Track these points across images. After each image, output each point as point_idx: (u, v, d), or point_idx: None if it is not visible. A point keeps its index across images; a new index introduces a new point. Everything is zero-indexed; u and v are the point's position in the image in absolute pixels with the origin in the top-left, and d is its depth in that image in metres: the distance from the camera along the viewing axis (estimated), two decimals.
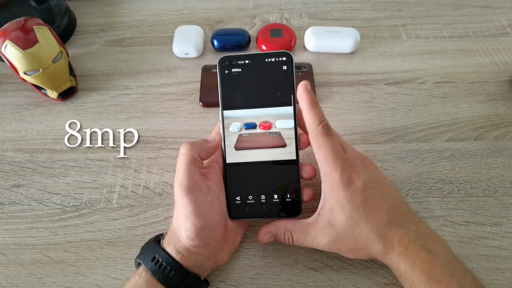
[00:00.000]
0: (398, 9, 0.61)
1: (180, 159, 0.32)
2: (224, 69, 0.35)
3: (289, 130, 0.35)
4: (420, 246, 0.30)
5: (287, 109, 0.35)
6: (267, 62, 0.35)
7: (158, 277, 0.30)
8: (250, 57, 0.35)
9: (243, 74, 0.35)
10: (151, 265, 0.31)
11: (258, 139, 0.35)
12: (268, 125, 0.35)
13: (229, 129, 0.35)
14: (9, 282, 0.36)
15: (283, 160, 0.35)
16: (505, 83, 0.51)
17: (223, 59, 0.35)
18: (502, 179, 0.42)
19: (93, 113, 0.49)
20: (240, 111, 0.35)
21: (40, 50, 0.44)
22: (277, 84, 0.35)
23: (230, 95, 0.35)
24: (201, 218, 0.31)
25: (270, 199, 0.35)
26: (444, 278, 0.29)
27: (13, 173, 0.43)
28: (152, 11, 0.61)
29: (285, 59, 0.35)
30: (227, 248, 0.35)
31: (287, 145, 0.35)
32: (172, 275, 0.30)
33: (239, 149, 0.35)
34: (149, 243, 0.33)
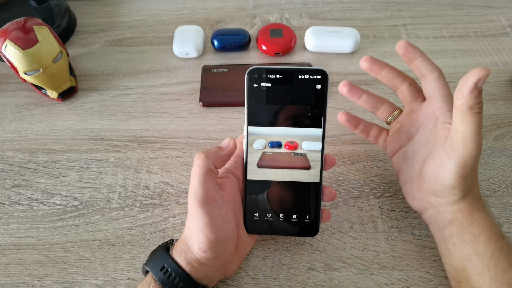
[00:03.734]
0: (398, 9, 0.61)
1: (195, 170, 0.30)
2: (252, 83, 0.32)
3: (315, 153, 0.33)
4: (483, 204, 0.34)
5: (316, 131, 0.33)
6: (300, 78, 0.32)
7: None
8: (282, 71, 0.32)
9: (272, 89, 0.32)
10: (160, 275, 0.30)
11: (282, 158, 0.33)
12: (294, 146, 0.33)
13: (253, 146, 0.33)
14: (9, 282, 0.36)
15: (306, 182, 0.34)
16: (505, 83, 0.51)
17: (252, 71, 0.32)
18: (502, 179, 0.42)
19: (93, 113, 0.49)
20: (266, 128, 0.33)
21: (40, 50, 0.44)
22: (308, 103, 0.32)
23: (256, 111, 0.33)
24: (214, 232, 0.30)
25: (288, 218, 0.34)
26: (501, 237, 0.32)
27: (13, 173, 0.43)
28: (152, 11, 0.61)
29: (320, 77, 0.32)
30: (237, 260, 0.35)
31: (311, 167, 0.34)
32: (181, 286, 0.30)
33: (261, 167, 0.34)
34: (158, 251, 0.33)
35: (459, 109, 0.29)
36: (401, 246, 0.38)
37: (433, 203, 0.34)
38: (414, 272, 0.36)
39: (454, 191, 0.31)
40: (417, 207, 0.36)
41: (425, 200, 0.34)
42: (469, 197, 0.32)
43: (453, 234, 0.33)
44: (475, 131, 0.29)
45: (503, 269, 0.30)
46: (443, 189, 0.32)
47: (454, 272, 0.33)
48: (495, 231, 0.32)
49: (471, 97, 0.28)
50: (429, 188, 0.33)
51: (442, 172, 0.31)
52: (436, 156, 0.32)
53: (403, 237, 0.38)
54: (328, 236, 0.39)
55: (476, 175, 0.33)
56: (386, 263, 0.37)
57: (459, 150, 0.30)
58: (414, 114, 0.36)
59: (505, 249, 0.31)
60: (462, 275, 0.32)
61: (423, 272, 0.36)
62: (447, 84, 0.34)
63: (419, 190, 0.35)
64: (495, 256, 0.31)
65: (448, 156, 0.31)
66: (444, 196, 0.32)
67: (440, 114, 0.33)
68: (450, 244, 0.33)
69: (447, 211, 0.33)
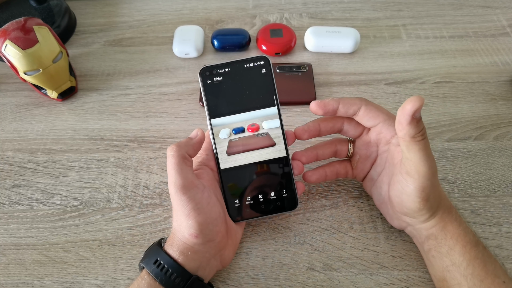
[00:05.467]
0: (398, 9, 0.61)
1: (170, 161, 0.32)
2: (206, 80, 0.36)
3: (276, 130, 0.36)
4: (455, 214, 0.34)
5: (271, 110, 0.36)
6: (246, 67, 0.36)
7: (160, 280, 0.30)
8: (229, 65, 0.36)
9: (224, 82, 0.36)
10: (154, 268, 0.31)
11: (248, 142, 0.36)
12: (256, 127, 0.36)
13: (219, 136, 0.36)
14: (9, 282, 0.36)
15: (274, 159, 0.36)
16: (505, 83, 0.51)
17: (204, 69, 0.36)
18: (502, 179, 0.42)
19: (93, 113, 0.49)
20: (227, 117, 0.36)
21: (40, 50, 0.44)
22: (258, 87, 0.36)
23: (215, 104, 0.36)
24: (202, 214, 0.31)
25: (267, 197, 0.36)
26: (476, 244, 0.32)
27: (13, 173, 0.43)
28: (152, 11, 0.61)
29: (263, 63, 0.36)
30: (231, 245, 0.35)
31: (276, 143, 0.36)
32: (174, 277, 0.30)
33: (231, 154, 0.36)
34: (151, 247, 0.33)
35: (403, 139, 0.30)
36: (401, 246, 0.38)
37: (408, 222, 0.35)
38: (414, 272, 0.36)
39: (421, 212, 0.32)
40: (396, 226, 0.37)
41: (401, 220, 0.36)
42: (439, 212, 0.33)
43: (431, 247, 0.34)
44: (423, 156, 0.29)
45: (480, 277, 0.31)
46: (411, 212, 0.33)
47: (438, 282, 0.34)
48: (469, 239, 0.32)
49: (411, 127, 0.29)
50: (400, 210, 0.34)
51: (405, 197, 0.32)
52: (396, 182, 0.33)
53: (403, 237, 0.38)
54: (328, 236, 0.39)
55: (439, 189, 0.33)
56: (386, 263, 0.37)
57: (414, 175, 0.30)
58: (367, 143, 0.37)
59: (480, 257, 0.31)
60: (444, 285, 0.33)
61: (423, 272, 0.36)
62: (380, 108, 0.35)
63: (393, 212, 0.36)
64: (471, 266, 0.31)
65: (405, 181, 0.31)
66: (414, 216, 0.33)
67: (390, 138, 0.34)
68: (430, 257, 0.34)
69: (422, 228, 0.34)
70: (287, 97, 0.49)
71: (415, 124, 0.28)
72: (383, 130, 0.35)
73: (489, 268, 0.31)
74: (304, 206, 0.41)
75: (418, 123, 0.29)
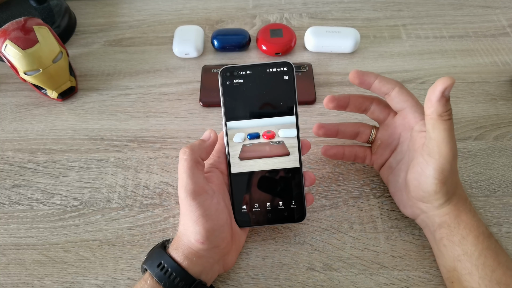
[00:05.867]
0: (398, 9, 0.61)
1: (182, 164, 0.31)
2: (225, 81, 0.35)
3: (292, 139, 0.35)
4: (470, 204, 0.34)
5: (289, 119, 0.35)
6: (268, 72, 0.35)
7: (164, 284, 0.30)
8: (251, 67, 0.35)
9: (244, 84, 0.35)
10: (157, 271, 0.30)
11: (262, 148, 0.35)
12: (272, 135, 0.35)
13: (233, 140, 0.35)
14: (9, 282, 0.36)
15: (287, 168, 0.35)
16: (505, 83, 0.51)
17: (224, 70, 0.35)
18: (502, 179, 0.42)
19: (93, 113, 0.49)
20: (243, 121, 0.35)
21: (40, 50, 0.44)
22: (279, 93, 0.35)
23: (232, 106, 0.35)
24: (210, 221, 0.31)
25: (275, 206, 0.36)
26: (488, 235, 0.33)
27: (13, 173, 0.43)
28: (152, 11, 0.61)
29: (286, 69, 0.35)
30: (234, 250, 0.35)
31: (290, 153, 0.35)
32: (177, 281, 0.30)
33: (243, 159, 0.35)
34: (155, 249, 0.33)
35: (430, 117, 0.30)
36: (401, 246, 0.38)
37: (422, 209, 0.35)
38: (414, 272, 0.36)
39: (437, 196, 0.32)
40: (409, 214, 0.37)
41: (415, 207, 0.36)
42: (454, 200, 0.33)
43: (443, 236, 0.34)
44: (447, 136, 0.30)
45: (491, 268, 0.31)
46: (427, 195, 0.33)
47: (447, 272, 0.34)
48: (482, 230, 0.32)
49: (440, 105, 0.29)
50: (415, 195, 0.34)
51: (423, 179, 0.32)
52: (416, 164, 0.33)
53: (403, 237, 0.38)
54: (328, 236, 0.39)
55: (457, 177, 0.34)
56: (386, 263, 0.37)
57: (435, 156, 0.31)
58: (390, 129, 0.37)
59: (493, 248, 0.32)
60: (454, 276, 0.33)
61: (423, 272, 0.36)
62: (411, 94, 0.35)
63: (408, 198, 0.36)
64: (483, 255, 0.31)
65: (426, 162, 0.32)
66: (429, 201, 0.33)
67: (415, 124, 0.35)
68: (441, 246, 0.34)
69: (435, 215, 0.34)
70: None
71: (444, 102, 0.29)
72: (408, 115, 0.35)
73: (501, 260, 0.31)
74: None
75: (447, 102, 0.29)
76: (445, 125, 0.30)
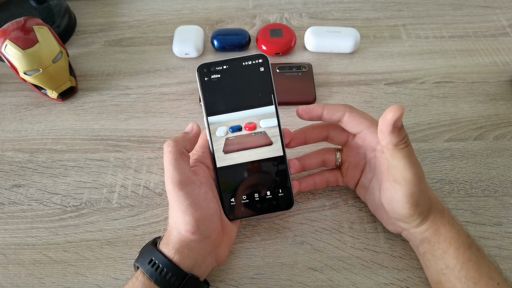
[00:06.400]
0: (398, 9, 0.61)
1: (167, 156, 0.31)
2: (203, 77, 0.36)
3: (273, 129, 0.36)
4: (447, 216, 0.34)
5: (269, 109, 0.36)
6: (244, 65, 0.36)
7: (155, 280, 0.30)
8: (227, 62, 0.36)
9: (222, 79, 0.36)
10: (148, 268, 0.30)
11: (245, 140, 0.36)
12: (253, 126, 0.36)
13: (216, 134, 0.36)
14: (9, 282, 0.36)
15: (271, 158, 0.36)
16: (505, 83, 0.51)
17: (201, 66, 0.36)
18: (502, 179, 0.42)
19: (93, 113, 0.49)
20: (224, 115, 0.36)
21: (40, 50, 0.44)
22: (256, 85, 0.36)
23: (212, 101, 0.36)
24: (199, 210, 0.31)
25: (263, 196, 0.36)
26: (470, 246, 0.32)
27: (13, 173, 0.43)
28: (152, 11, 0.61)
29: (261, 61, 0.36)
30: (226, 242, 0.35)
31: (273, 142, 0.36)
32: (169, 277, 0.30)
33: (227, 153, 0.36)
34: (146, 246, 0.33)
35: (386, 148, 0.30)
36: (401, 246, 0.38)
37: (402, 227, 0.35)
38: (414, 272, 0.36)
39: (412, 218, 0.32)
40: (392, 231, 0.37)
41: (396, 225, 0.36)
42: (431, 215, 0.33)
43: (426, 251, 0.34)
44: (408, 163, 0.30)
45: (473, 280, 0.31)
46: (402, 217, 0.33)
47: (434, 284, 0.34)
48: (462, 241, 0.32)
49: (393, 136, 0.29)
50: (392, 216, 0.34)
51: (395, 204, 0.32)
52: (385, 189, 0.33)
53: (403, 237, 0.38)
54: (328, 236, 0.39)
55: (429, 194, 0.34)
56: (386, 263, 0.37)
57: (401, 182, 0.31)
58: (353, 150, 0.37)
59: (474, 259, 0.32)
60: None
61: (423, 272, 0.36)
62: (364, 114, 0.35)
63: (388, 217, 0.36)
64: (465, 268, 0.31)
65: (394, 189, 0.32)
66: (407, 222, 0.33)
67: (375, 144, 0.35)
68: (426, 260, 0.34)
69: (416, 233, 0.34)
70: (287, 97, 0.49)
71: (397, 132, 0.29)
72: (367, 137, 0.35)
73: (483, 270, 0.31)
74: (304, 206, 0.41)
75: (400, 131, 0.29)
76: (403, 153, 0.29)
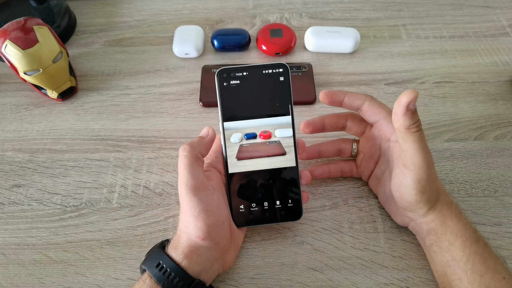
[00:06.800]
0: (398, 9, 0.61)
1: (182, 161, 0.32)
2: (222, 82, 0.36)
3: (288, 139, 0.36)
4: (455, 209, 0.34)
5: (285, 119, 0.36)
6: (264, 73, 0.36)
7: (162, 284, 0.30)
8: (248, 69, 0.36)
9: (241, 86, 0.36)
10: (156, 272, 0.30)
11: (258, 148, 0.36)
12: (268, 135, 0.36)
13: (230, 140, 0.36)
14: (9, 282, 0.36)
15: (283, 168, 0.36)
16: (505, 83, 0.51)
17: (221, 71, 0.35)
18: (502, 179, 0.42)
19: (93, 113, 0.49)
20: (240, 122, 0.36)
21: (40, 50, 0.44)
22: (275, 94, 0.36)
23: (229, 107, 0.36)
24: (211, 216, 0.31)
25: (272, 205, 0.36)
26: (477, 240, 0.33)
27: (13, 173, 0.43)
28: (152, 11, 0.61)
29: (282, 70, 0.36)
30: (233, 249, 0.35)
31: (286, 153, 0.36)
32: (176, 281, 0.30)
33: (241, 159, 0.36)
34: (154, 249, 0.33)
35: (398, 130, 0.31)
36: (401, 246, 0.38)
37: (410, 217, 0.35)
38: (414, 272, 0.36)
39: (419, 205, 0.33)
40: (400, 222, 0.37)
41: (404, 216, 0.36)
42: (438, 206, 0.33)
43: (432, 242, 0.34)
44: (418, 147, 0.30)
45: (480, 272, 0.31)
46: (409, 205, 0.33)
47: (439, 278, 0.34)
48: (469, 235, 0.32)
49: (406, 118, 0.30)
50: (400, 205, 0.35)
51: (403, 190, 0.33)
52: (395, 175, 0.34)
53: (403, 237, 0.38)
54: (328, 236, 0.39)
55: (438, 184, 0.34)
56: (386, 263, 0.37)
57: (409, 167, 0.31)
58: (370, 141, 0.38)
59: (480, 252, 0.32)
60: (445, 281, 0.33)
61: (423, 272, 0.36)
62: (383, 105, 0.36)
63: (396, 208, 0.36)
64: (471, 261, 0.31)
65: (403, 174, 0.32)
66: (414, 210, 0.34)
67: (390, 134, 0.35)
68: (432, 252, 0.34)
69: (423, 223, 0.35)
70: None
71: (410, 115, 0.29)
72: (383, 126, 0.35)
73: (489, 264, 0.31)
74: (304, 206, 0.41)
75: (413, 114, 0.30)
76: (414, 137, 0.30)
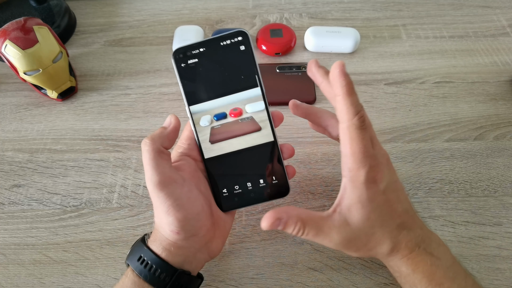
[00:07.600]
0: (398, 9, 0.61)
1: (145, 156, 0.30)
2: (180, 63, 0.32)
3: (261, 113, 0.33)
4: (424, 250, 0.30)
5: (254, 91, 0.33)
6: (222, 45, 0.32)
7: (144, 277, 0.29)
8: (204, 44, 0.32)
9: (200, 63, 0.32)
10: (137, 265, 0.30)
11: (231, 128, 0.33)
12: (239, 112, 0.33)
13: (200, 124, 0.33)
14: (9, 282, 0.36)
15: (261, 144, 0.34)
16: (505, 83, 0.51)
17: (176, 51, 0.32)
18: (502, 179, 0.42)
19: (93, 113, 0.49)
20: (207, 103, 0.33)
21: (40, 50, 0.44)
22: (238, 67, 0.33)
23: (192, 89, 0.33)
24: (182, 210, 0.30)
25: (256, 184, 0.34)
26: (446, 281, 0.29)
27: (13, 173, 0.43)
28: (152, 11, 0.61)
29: (241, 38, 0.32)
30: (219, 236, 0.34)
31: (262, 128, 0.33)
32: (158, 273, 0.29)
33: (214, 142, 0.33)
34: (135, 243, 0.32)
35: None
36: None
37: None
38: None
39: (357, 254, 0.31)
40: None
41: None
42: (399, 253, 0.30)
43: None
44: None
45: None
46: None
47: None
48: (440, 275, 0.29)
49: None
50: None
51: None
52: None
53: None
54: None
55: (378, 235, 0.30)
56: None
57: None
58: None
59: None
60: None
61: None
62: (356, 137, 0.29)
63: None
64: None
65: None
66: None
67: None
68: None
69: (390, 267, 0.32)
70: (287, 97, 0.48)
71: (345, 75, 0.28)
72: None
73: None
74: (304, 206, 0.41)
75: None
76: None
